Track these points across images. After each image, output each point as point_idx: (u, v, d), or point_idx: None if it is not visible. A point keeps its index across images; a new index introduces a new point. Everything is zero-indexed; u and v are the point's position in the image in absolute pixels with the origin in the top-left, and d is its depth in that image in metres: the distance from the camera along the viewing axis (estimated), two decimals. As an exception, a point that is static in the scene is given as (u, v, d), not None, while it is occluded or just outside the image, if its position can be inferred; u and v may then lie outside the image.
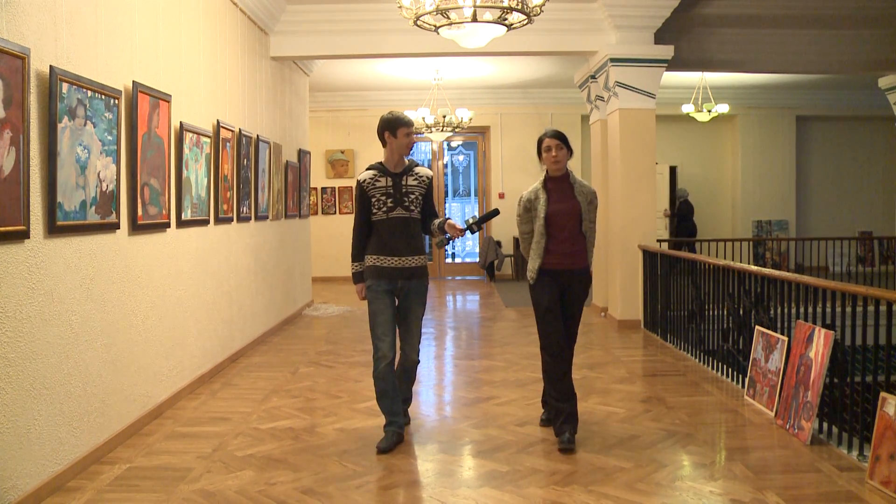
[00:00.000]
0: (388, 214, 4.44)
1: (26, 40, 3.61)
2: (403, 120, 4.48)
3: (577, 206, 4.56)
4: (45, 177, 3.79)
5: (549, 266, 4.56)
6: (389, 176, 4.48)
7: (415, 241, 4.50)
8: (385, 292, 4.45)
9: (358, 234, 4.54)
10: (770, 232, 14.47)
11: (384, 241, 4.45)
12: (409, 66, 11.25)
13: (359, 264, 4.56)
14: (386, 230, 4.45)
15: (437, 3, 5.07)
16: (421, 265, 4.55)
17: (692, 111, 11.94)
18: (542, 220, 4.52)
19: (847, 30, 9.14)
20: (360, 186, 4.53)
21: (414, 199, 4.49)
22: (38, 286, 3.73)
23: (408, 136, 4.48)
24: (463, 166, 14.89)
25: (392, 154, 4.51)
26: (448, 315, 10.46)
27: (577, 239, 4.59)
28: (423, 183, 4.55)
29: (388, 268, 4.45)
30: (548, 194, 4.59)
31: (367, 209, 4.49)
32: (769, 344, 5.24)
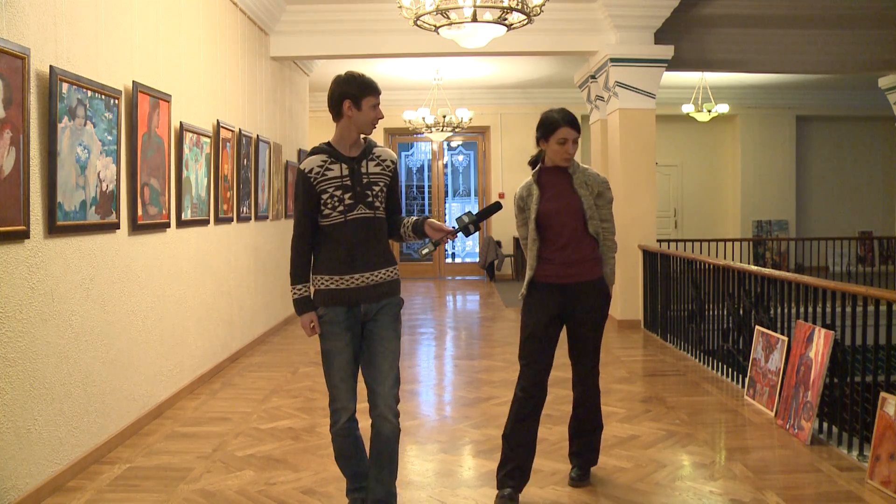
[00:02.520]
0: (347, 215, 3.22)
1: (26, 40, 3.61)
2: (371, 85, 3.26)
3: (577, 202, 3.68)
4: (46, 177, 3.79)
5: (543, 279, 3.71)
6: (344, 162, 3.25)
7: (382, 248, 3.33)
8: (344, 325, 3.27)
9: (301, 246, 3.32)
10: (770, 232, 14.47)
11: (342, 254, 3.23)
12: (409, 67, 11.25)
13: (304, 287, 3.31)
14: (344, 238, 3.23)
15: (437, 3, 5.07)
16: (392, 279, 3.34)
17: (692, 111, 11.94)
18: (532, 221, 3.71)
19: (847, 30, 9.14)
20: (303, 178, 3.23)
21: (378, 191, 3.30)
22: (38, 286, 3.74)
23: (374, 109, 3.27)
24: (463, 166, 14.89)
25: (349, 132, 3.27)
26: (448, 315, 10.46)
27: (582, 244, 3.69)
28: (387, 169, 3.35)
29: (349, 290, 3.24)
30: (541, 189, 3.74)
31: (313, 210, 3.26)
32: (769, 344, 5.24)
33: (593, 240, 3.74)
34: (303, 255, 3.33)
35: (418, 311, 10.51)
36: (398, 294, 3.43)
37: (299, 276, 3.33)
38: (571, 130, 3.67)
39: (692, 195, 15.02)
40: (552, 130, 3.68)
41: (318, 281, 3.31)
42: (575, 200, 3.70)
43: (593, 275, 3.74)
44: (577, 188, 3.71)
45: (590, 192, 3.73)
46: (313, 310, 3.30)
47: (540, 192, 3.74)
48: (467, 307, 11.25)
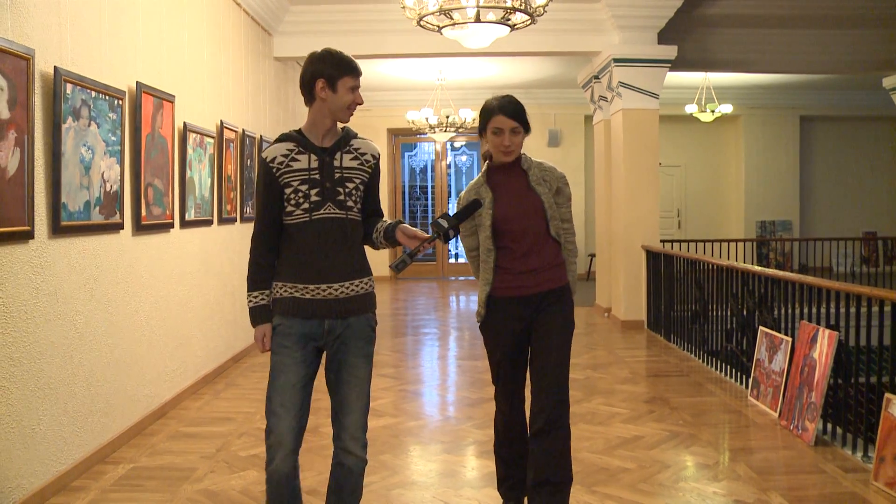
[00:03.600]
0: (313, 214, 2.80)
1: (31, 41, 3.62)
2: (350, 64, 2.81)
3: (538, 202, 3.23)
4: (50, 177, 3.80)
5: (503, 292, 3.25)
6: (313, 152, 2.83)
7: (354, 255, 2.88)
8: (299, 341, 2.81)
9: (260, 247, 2.89)
10: (774, 232, 14.45)
11: (305, 258, 2.81)
12: (412, 67, 11.25)
13: (262, 294, 2.88)
14: (308, 240, 2.81)
15: (441, 3, 5.08)
16: (364, 293, 2.90)
17: (696, 111, 11.93)
18: (487, 229, 3.21)
19: (851, 30, 9.13)
20: (264, 168, 2.84)
21: (353, 189, 2.85)
22: (42, 286, 3.74)
23: (353, 92, 2.81)
24: (466, 167, 14.88)
25: (322, 118, 2.83)
26: (451, 315, 10.46)
27: (545, 248, 3.27)
28: (366, 164, 2.90)
29: (311, 301, 2.80)
30: (493, 192, 3.25)
31: (275, 205, 2.84)
32: (773, 344, 5.23)
33: (556, 243, 3.30)
34: (262, 256, 2.90)
35: (421, 311, 10.51)
36: (371, 311, 2.95)
37: (257, 281, 2.89)
38: (506, 119, 3.15)
39: (695, 195, 15.00)
40: (487, 119, 3.21)
41: (278, 288, 2.86)
42: (535, 200, 3.24)
43: (559, 282, 3.29)
44: (534, 186, 3.25)
45: (549, 189, 3.27)
46: (269, 321, 2.87)
47: (493, 194, 3.25)
48: (470, 307, 11.25)
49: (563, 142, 13.90)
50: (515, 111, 3.19)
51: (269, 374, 2.83)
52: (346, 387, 2.88)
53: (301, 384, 2.80)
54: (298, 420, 2.79)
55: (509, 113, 3.16)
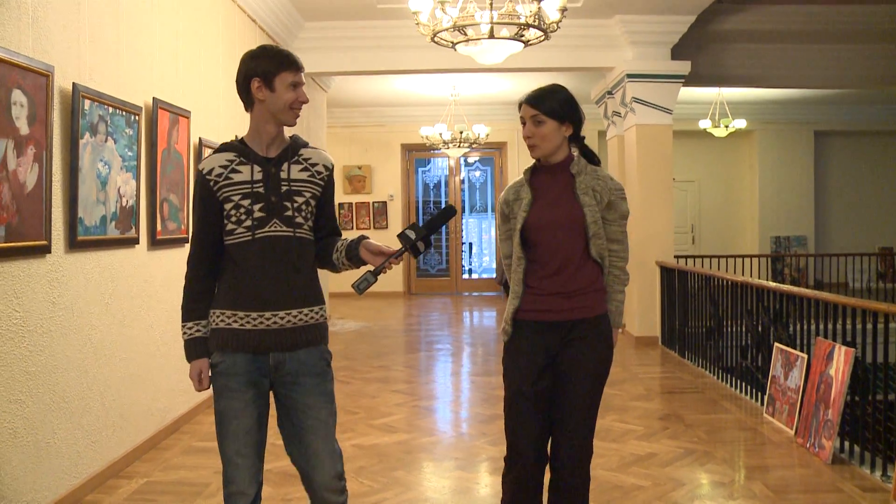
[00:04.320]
0: (256, 232, 2.48)
1: (51, 58, 3.66)
2: (288, 58, 2.52)
3: (578, 213, 2.79)
4: (67, 192, 3.84)
5: (528, 314, 2.84)
6: (256, 163, 2.51)
7: (304, 279, 2.55)
8: (245, 380, 2.49)
9: (196, 271, 2.58)
10: (788, 248, 14.37)
11: (246, 282, 2.49)
12: (426, 82, 11.30)
13: (198, 325, 2.56)
14: (250, 262, 2.48)
15: (455, 19, 5.10)
16: (315, 323, 2.56)
17: (709, 127, 11.91)
18: (517, 234, 2.85)
19: (865, 44, 9.11)
20: (200, 181, 2.52)
21: (302, 203, 2.54)
22: (58, 300, 3.77)
23: (294, 90, 2.51)
24: (480, 182, 14.91)
25: (264, 123, 2.53)
26: (464, 331, 10.45)
27: (582, 270, 2.83)
28: (318, 176, 2.59)
29: (254, 333, 2.48)
30: (534, 192, 2.87)
31: (214, 223, 2.52)
32: (788, 361, 5.19)
33: (597, 266, 2.86)
34: (198, 282, 2.56)
35: (435, 327, 10.50)
36: (323, 343, 2.61)
37: (192, 310, 2.56)
38: (527, 107, 2.82)
39: (709, 211, 14.95)
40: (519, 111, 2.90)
41: (215, 317, 2.52)
42: (575, 211, 2.80)
43: (594, 311, 2.84)
44: (579, 195, 2.81)
45: (597, 200, 2.82)
46: (206, 356, 2.55)
47: (532, 196, 2.87)
48: (484, 323, 11.23)
49: (577, 157, 13.87)
50: (538, 97, 2.80)
51: (215, 418, 2.51)
52: (309, 433, 2.52)
53: (256, 427, 2.50)
54: (258, 465, 2.54)
55: (530, 99, 2.81)
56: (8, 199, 3.32)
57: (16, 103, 3.35)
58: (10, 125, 3.32)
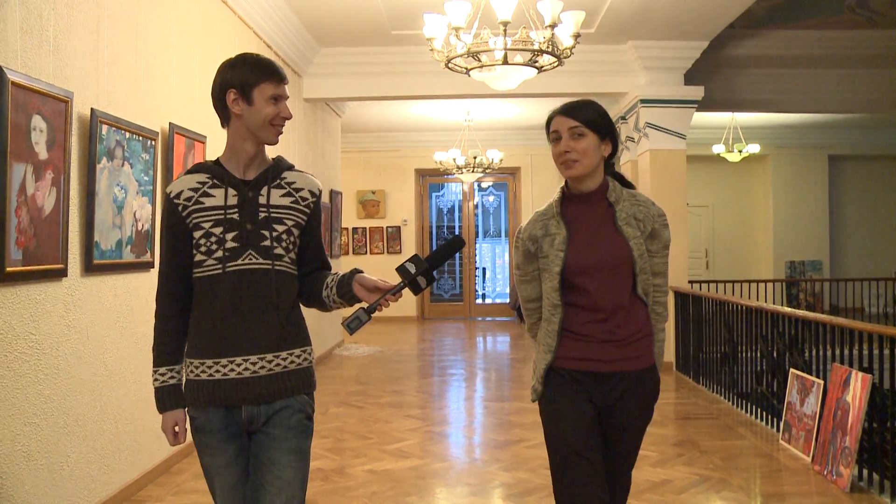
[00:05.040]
0: (227, 265, 2.18)
1: (70, 84, 3.72)
2: (269, 67, 2.22)
3: (624, 249, 2.44)
4: (84, 216, 3.88)
5: (572, 363, 2.47)
6: (232, 185, 2.23)
7: (284, 317, 2.24)
8: (224, 435, 2.22)
9: (165, 309, 2.27)
10: (803, 272, 14.28)
11: (215, 324, 2.19)
12: (439, 108, 11.37)
13: (171, 371, 2.27)
14: (221, 298, 2.18)
15: (469, 46, 5.14)
16: (297, 369, 2.25)
17: (723, 151, 11.90)
18: (555, 277, 2.44)
19: (877, 69, 9.11)
20: (169, 206, 2.23)
21: (283, 233, 2.24)
22: (74, 323, 3.79)
23: (275, 104, 2.22)
24: (493, 207, 14.94)
25: (242, 141, 2.26)
26: (478, 356, 10.42)
27: (631, 311, 2.47)
28: (302, 202, 2.30)
29: (224, 383, 2.18)
30: (568, 227, 2.48)
31: (183, 253, 2.23)
32: (804, 387, 5.15)
33: (644, 305, 2.51)
34: (169, 320, 2.25)
35: (448, 352, 10.48)
36: (307, 391, 2.28)
37: (163, 352, 2.26)
38: (563, 118, 2.47)
39: (724, 236, 14.90)
40: (547, 127, 2.55)
41: (186, 368, 2.27)
42: (620, 246, 2.44)
43: (645, 361, 2.49)
44: (621, 226, 2.45)
45: (641, 231, 2.47)
46: (181, 406, 2.27)
47: (567, 231, 2.47)
48: (497, 348, 11.20)
49: (590, 182, 13.87)
50: (576, 107, 2.46)
51: (203, 471, 2.31)
52: (268, 492, 2.17)
53: (242, 481, 2.25)
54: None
55: (567, 109, 2.46)
56: (26, 223, 3.36)
57: (35, 128, 3.40)
58: (30, 150, 3.37)
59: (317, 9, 7.04)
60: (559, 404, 2.48)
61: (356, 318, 2.17)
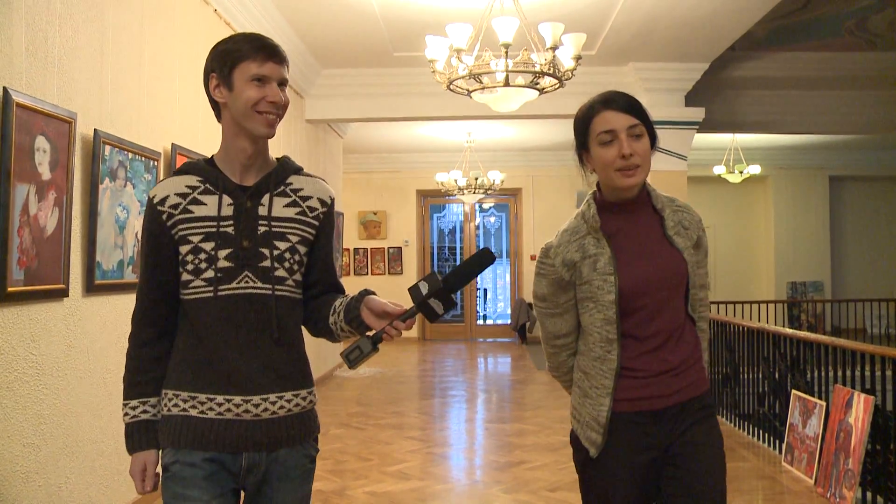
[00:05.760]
0: (219, 288, 1.86)
1: (74, 104, 3.74)
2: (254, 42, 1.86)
3: (680, 263, 2.10)
4: (86, 236, 3.89)
5: (633, 406, 2.09)
6: (227, 192, 1.90)
7: (286, 353, 1.93)
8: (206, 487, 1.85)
9: (144, 332, 1.95)
10: (805, 293, 14.27)
11: (207, 355, 1.88)
12: (441, 129, 11.41)
13: (144, 404, 1.94)
14: (213, 326, 1.87)
15: (470, 68, 5.17)
16: (301, 412, 1.96)
17: (724, 172, 11.93)
18: (609, 307, 2.06)
19: (877, 90, 9.15)
20: (152, 214, 1.92)
21: (286, 251, 1.91)
22: (75, 343, 3.79)
23: (260, 86, 1.85)
24: (495, 228, 14.96)
25: (234, 137, 1.91)
26: (479, 377, 10.39)
27: (684, 334, 2.14)
28: (311, 213, 1.97)
29: (219, 422, 1.86)
30: (611, 244, 2.09)
31: (166, 270, 1.92)
32: (806, 409, 5.13)
33: (693, 325, 2.18)
34: (144, 346, 1.94)
35: (449, 373, 10.45)
36: (311, 438, 2.00)
37: (137, 383, 1.93)
38: (619, 114, 2.05)
39: (725, 257, 14.89)
40: (587, 124, 2.10)
41: (167, 400, 1.91)
42: (677, 259, 2.11)
43: (702, 385, 2.16)
44: (672, 237, 2.12)
45: (689, 241, 2.15)
46: (155, 446, 1.92)
47: (612, 249, 2.09)
48: (498, 369, 11.17)
49: (591, 203, 13.89)
50: (629, 102, 2.08)
51: None
52: None
53: None
54: None
55: (623, 105, 2.07)
56: (28, 243, 3.36)
57: (39, 149, 3.41)
58: (33, 170, 3.38)
59: (319, 30, 7.09)
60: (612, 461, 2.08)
61: (356, 349, 1.81)
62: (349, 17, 6.69)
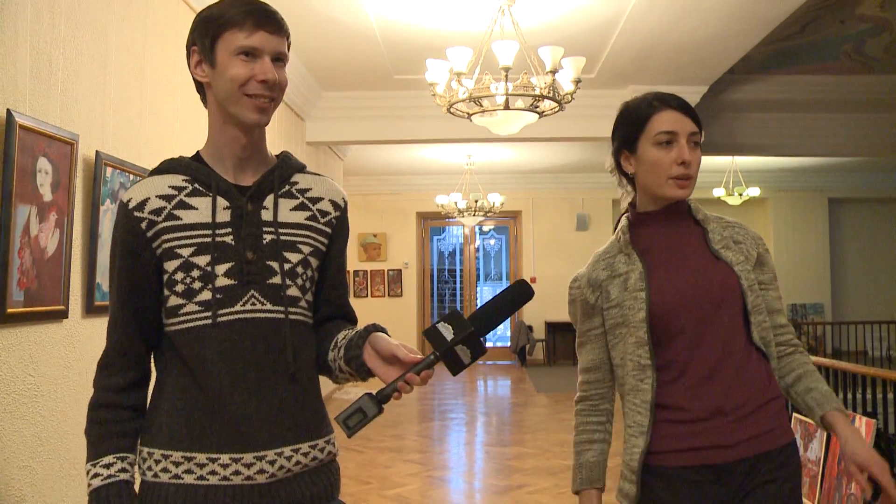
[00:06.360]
0: (219, 313, 1.47)
1: (76, 126, 3.75)
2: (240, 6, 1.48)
3: (731, 278, 1.80)
4: (86, 257, 3.89)
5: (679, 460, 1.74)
6: (223, 194, 1.55)
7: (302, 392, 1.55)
8: None
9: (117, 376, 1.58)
10: (805, 315, 14.25)
11: (206, 401, 1.47)
12: (441, 151, 11.45)
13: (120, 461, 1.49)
14: (212, 364, 1.46)
15: (471, 91, 5.20)
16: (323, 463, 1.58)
17: (723, 195, 11.96)
18: (639, 327, 1.77)
19: (875, 113, 9.20)
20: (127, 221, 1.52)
21: (298, 264, 1.55)
22: (73, 365, 3.78)
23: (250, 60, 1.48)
24: (495, 250, 14.97)
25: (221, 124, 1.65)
26: (478, 400, 10.35)
27: (746, 368, 1.77)
28: (323, 217, 1.63)
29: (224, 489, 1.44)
30: (643, 260, 1.83)
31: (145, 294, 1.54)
32: (808, 432, 5.10)
33: (763, 359, 1.81)
34: (118, 394, 1.55)
35: (448, 395, 10.41)
36: (335, 495, 1.61)
37: (110, 435, 1.51)
38: (682, 116, 1.85)
39: (725, 279, 14.89)
40: (642, 122, 1.86)
41: (151, 463, 1.50)
42: (725, 273, 1.80)
43: (782, 436, 1.78)
44: (718, 250, 1.83)
45: (745, 257, 1.85)
46: None
47: (643, 265, 1.82)
48: (498, 392, 11.13)
49: (592, 226, 13.96)
50: (691, 108, 1.90)
51: None
52: None
53: None
54: None
55: (685, 107, 1.87)
56: (28, 265, 3.36)
57: (41, 171, 3.42)
58: (35, 192, 3.38)
59: (320, 53, 7.14)
60: None
61: (358, 412, 1.42)
62: (350, 39, 6.73)
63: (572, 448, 1.91)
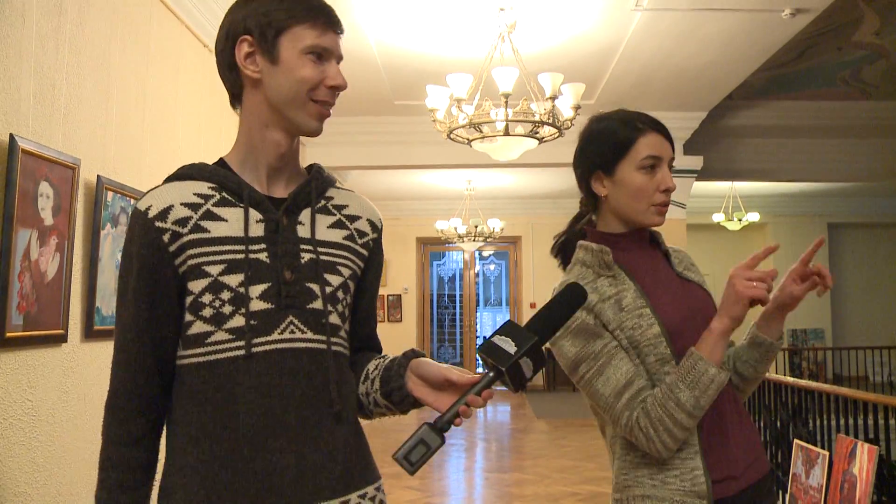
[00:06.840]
0: (254, 343, 1.26)
1: (78, 151, 3.77)
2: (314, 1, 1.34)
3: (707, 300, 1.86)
4: (86, 282, 3.88)
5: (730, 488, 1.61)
6: (255, 206, 1.34)
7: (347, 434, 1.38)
8: None
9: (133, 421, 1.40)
10: (806, 341, 14.21)
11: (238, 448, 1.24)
12: (441, 177, 11.49)
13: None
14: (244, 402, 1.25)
15: (471, 117, 5.23)
16: None
17: (723, 220, 11.99)
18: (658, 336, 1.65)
19: (873, 138, 9.25)
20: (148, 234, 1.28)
21: (339, 289, 1.36)
22: (71, 389, 3.76)
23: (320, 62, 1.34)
24: (494, 276, 14.97)
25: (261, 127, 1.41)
26: (478, 426, 10.29)
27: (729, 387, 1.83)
28: (361, 238, 1.46)
29: None
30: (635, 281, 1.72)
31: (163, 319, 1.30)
32: (809, 459, 5.07)
33: None
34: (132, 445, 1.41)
35: (448, 420, 10.36)
36: None
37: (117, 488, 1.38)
38: (666, 143, 1.76)
39: (725, 304, 14.86)
40: (627, 143, 1.75)
41: None
42: (703, 293, 1.86)
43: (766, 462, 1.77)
44: (684, 273, 1.86)
45: (700, 279, 1.91)
46: None
47: (637, 286, 1.71)
48: (497, 418, 11.07)
49: (591, 250, 13.92)
50: (667, 130, 1.80)
51: None
52: None
53: None
54: None
55: (667, 133, 1.78)
56: (28, 289, 3.36)
57: (42, 195, 3.43)
58: (36, 216, 3.39)
59: (321, 80, 7.17)
60: None
61: (420, 444, 1.30)
62: (350, 65, 6.78)
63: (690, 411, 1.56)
